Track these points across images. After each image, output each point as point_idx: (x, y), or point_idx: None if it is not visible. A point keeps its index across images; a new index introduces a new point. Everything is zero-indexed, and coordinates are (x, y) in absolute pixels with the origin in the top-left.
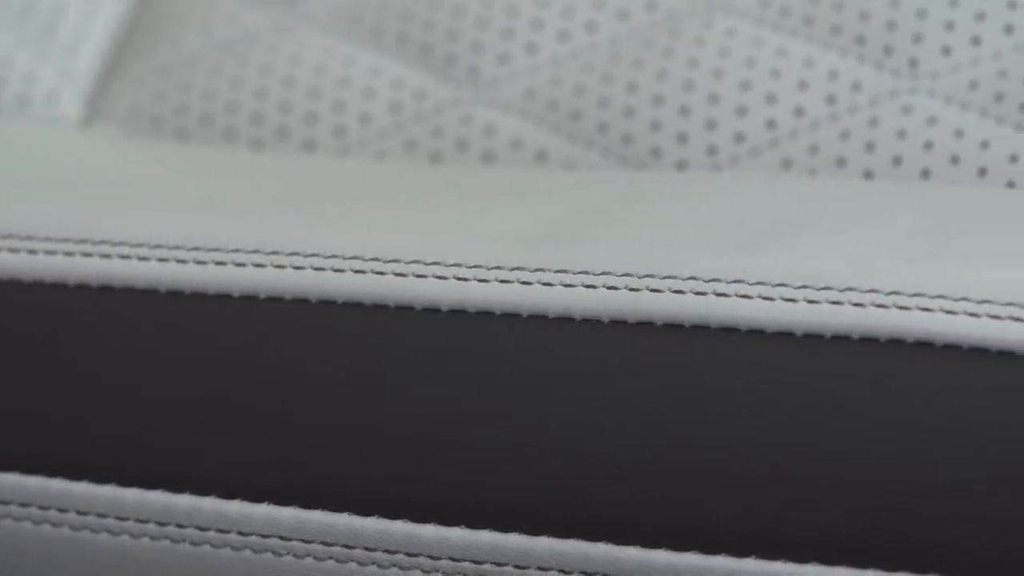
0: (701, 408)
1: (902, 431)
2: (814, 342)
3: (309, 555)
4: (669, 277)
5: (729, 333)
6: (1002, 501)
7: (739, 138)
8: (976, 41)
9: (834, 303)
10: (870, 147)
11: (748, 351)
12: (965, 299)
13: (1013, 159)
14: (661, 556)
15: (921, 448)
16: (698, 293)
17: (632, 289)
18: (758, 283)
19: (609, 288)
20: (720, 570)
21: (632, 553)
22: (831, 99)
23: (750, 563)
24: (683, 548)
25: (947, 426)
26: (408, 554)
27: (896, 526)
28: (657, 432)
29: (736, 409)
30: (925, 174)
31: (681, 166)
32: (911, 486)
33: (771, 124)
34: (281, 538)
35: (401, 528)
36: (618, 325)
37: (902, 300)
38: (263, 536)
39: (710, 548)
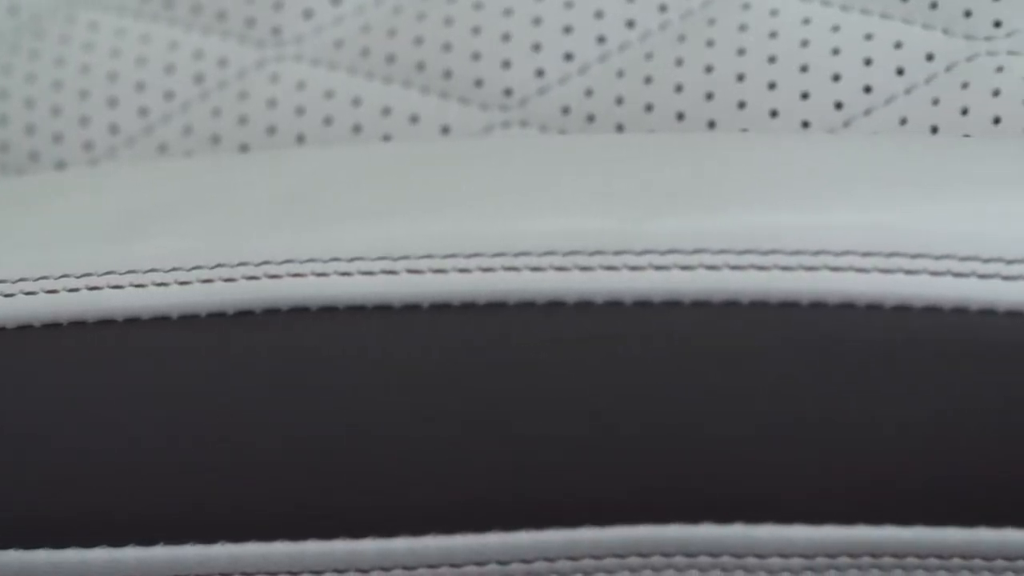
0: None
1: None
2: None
3: None
4: (42, 278)
5: (104, 326)
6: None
7: (113, 130)
8: (336, 0)
9: (206, 281)
10: (243, 120)
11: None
12: (336, 259)
13: (385, 112)
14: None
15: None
16: (71, 290)
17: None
18: (129, 272)
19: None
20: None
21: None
22: (199, 78)
23: None
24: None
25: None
26: None
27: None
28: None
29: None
30: (300, 139)
31: (60, 166)
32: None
33: (143, 111)
34: None
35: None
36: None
37: (272, 269)
38: None
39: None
